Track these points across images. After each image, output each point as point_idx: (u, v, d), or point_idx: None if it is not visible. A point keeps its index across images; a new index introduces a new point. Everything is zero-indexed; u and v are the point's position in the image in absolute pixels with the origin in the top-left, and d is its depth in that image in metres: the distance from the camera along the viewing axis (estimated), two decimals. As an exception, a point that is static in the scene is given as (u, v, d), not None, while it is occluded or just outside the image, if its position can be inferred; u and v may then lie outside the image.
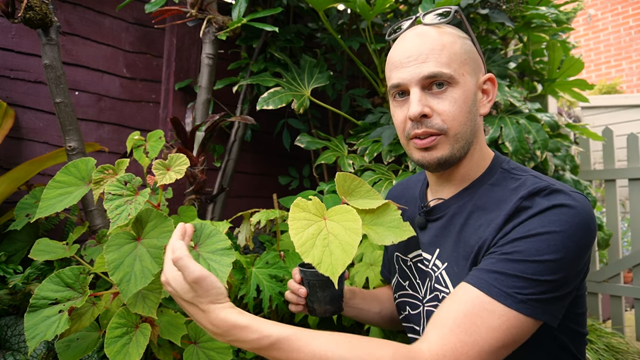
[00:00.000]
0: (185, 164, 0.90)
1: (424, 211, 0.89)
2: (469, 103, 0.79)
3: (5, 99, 1.52)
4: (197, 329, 0.93)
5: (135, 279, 0.78)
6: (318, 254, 0.74)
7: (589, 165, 2.80)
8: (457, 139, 0.79)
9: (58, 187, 0.92)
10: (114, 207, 0.80)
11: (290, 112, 2.01)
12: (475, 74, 0.81)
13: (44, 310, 0.80)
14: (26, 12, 1.15)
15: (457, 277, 0.78)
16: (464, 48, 0.80)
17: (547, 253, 0.67)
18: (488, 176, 0.83)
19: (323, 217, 0.80)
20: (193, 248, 0.85)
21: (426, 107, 0.78)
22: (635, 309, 2.54)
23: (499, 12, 1.76)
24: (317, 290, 0.89)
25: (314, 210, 0.80)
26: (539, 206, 0.71)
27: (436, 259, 0.84)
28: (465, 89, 0.78)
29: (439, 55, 0.77)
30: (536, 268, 0.67)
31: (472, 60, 0.81)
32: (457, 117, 0.78)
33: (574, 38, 6.69)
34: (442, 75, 0.76)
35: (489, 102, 0.84)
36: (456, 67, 0.78)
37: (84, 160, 0.95)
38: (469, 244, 0.77)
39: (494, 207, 0.77)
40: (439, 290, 0.82)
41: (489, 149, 0.87)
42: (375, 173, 1.57)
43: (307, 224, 0.77)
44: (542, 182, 0.75)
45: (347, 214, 0.78)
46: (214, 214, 1.70)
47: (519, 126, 1.64)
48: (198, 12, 1.62)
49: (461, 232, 0.80)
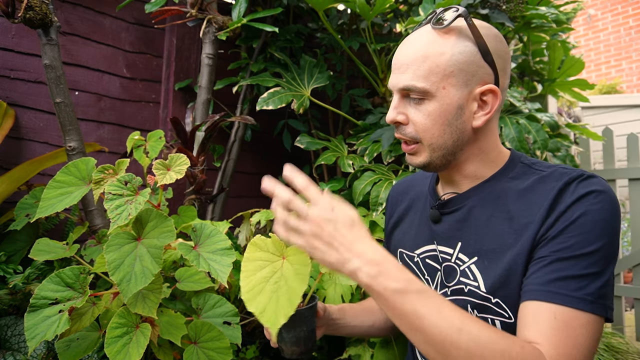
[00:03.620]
0: (185, 164, 0.90)
1: (437, 204, 0.88)
2: (447, 117, 0.77)
3: (5, 99, 1.52)
4: (197, 328, 0.93)
5: (135, 279, 0.78)
6: (263, 301, 0.68)
7: (589, 165, 2.81)
8: (433, 149, 0.80)
9: (58, 187, 0.92)
10: (114, 207, 0.80)
11: (291, 113, 2.01)
12: (467, 85, 0.77)
13: (44, 310, 0.80)
14: (26, 12, 1.15)
15: (487, 270, 0.77)
16: (455, 59, 0.75)
17: (594, 242, 0.69)
18: (508, 170, 0.82)
19: (282, 256, 0.73)
20: (193, 248, 0.85)
21: (400, 115, 0.80)
22: (635, 309, 2.55)
23: (499, 12, 1.76)
24: (282, 331, 0.81)
25: (273, 249, 0.73)
26: (576, 194, 0.72)
27: (459, 252, 0.83)
28: (444, 102, 0.76)
29: (419, 67, 0.76)
30: (589, 260, 0.68)
31: (464, 71, 0.76)
32: (430, 129, 0.78)
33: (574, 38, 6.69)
34: (415, 89, 0.76)
35: (485, 114, 0.78)
36: (435, 80, 0.75)
37: (84, 160, 0.95)
38: (501, 237, 0.77)
39: (525, 200, 0.77)
40: (465, 284, 0.80)
41: (503, 148, 0.86)
42: (375, 173, 1.57)
43: (261, 265, 0.71)
44: (574, 171, 0.75)
45: (301, 255, 0.71)
46: (214, 214, 1.70)
47: (519, 126, 1.64)
48: (198, 12, 1.62)
49: (488, 226, 0.79)
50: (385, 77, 1.89)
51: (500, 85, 0.79)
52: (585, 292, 0.67)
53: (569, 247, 0.69)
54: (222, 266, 0.79)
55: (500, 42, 0.79)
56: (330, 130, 2.09)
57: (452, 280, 0.83)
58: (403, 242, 0.96)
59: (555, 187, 0.74)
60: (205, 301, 1.03)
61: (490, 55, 0.76)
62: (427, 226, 0.90)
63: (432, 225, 0.89)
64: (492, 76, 0.78)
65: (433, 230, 0.88)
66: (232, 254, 0.82)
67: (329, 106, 1.75)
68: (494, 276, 0.76)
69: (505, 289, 0.74)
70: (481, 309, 0.77)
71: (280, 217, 0.69)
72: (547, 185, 0.76)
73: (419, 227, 0.92)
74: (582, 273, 0.68)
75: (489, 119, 0.79)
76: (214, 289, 1.08)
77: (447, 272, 0.84)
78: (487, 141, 0.83)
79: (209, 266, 0.80)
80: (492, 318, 0.76)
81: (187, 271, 1.07)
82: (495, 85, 0.78)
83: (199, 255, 0.82)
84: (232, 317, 1.02)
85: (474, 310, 0.78)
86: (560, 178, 0.75)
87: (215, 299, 1.03)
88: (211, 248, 0.82)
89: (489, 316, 0.77)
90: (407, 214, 0.99)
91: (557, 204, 0.72)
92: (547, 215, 0.72)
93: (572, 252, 0.69)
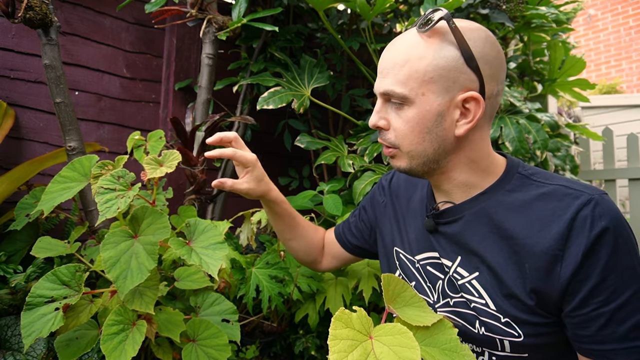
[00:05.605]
0: (177, 159, 0.90)
1: (433, 214, 0.85)
2: (426, 124, 0.74)
3: (5, 99, 1.52)
4: (195, 326, 0.93)
5: (131, 276, 0.78)
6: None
7: (589, 165, 2.80)
8: (412, 156, 0.78)
9: (62, 181, 0.96)
10: (104, 201, 0.81)
11: (291, 113, 2.02)
12: (448, 92, 0.73)
13: (40, 308, 0.80)
14: (26, 12, 1.15)
15: (490, 286, 0.76)
16: (436, 63, 0.72)
17: (631, 285, 0.66)
18: (504, 182, 0.78)
19: (369, 335, 0.66)
20: (186, 243, 0.86)
21: (382, 120, 0.79)
22: (636, 309, 2.53)
23: (499, 12, 1.76)
24: None
25: (359, 327, 0.66)
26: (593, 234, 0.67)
27: (458, 266, 0.81)
28: (423, 108, 0.74)
29: (398, 71, 0.74)
30: (635, 304, 0.66)
31: (445, 77, 0.72)
32: (408, 136, 0.76)
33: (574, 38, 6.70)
34: (394, 95, 0.75)
35: (467, 123, 0.74)
36: (414, 85, 0.73)
37: (89, 157, 0.99)
38: (500, 255, 0.75)
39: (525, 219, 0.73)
40: (469, 300, 0.79)
41: (498, 156, 0.83)
42: (375, 173, 1.57)
43: (352, 345, 0.63)
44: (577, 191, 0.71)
45: (400, 336, 0.65)
46: (214, 214, 1.70)
47: (519, 126, 1.64)
48: (198, 12, 1.63)
49: (485, 242, 0.77)
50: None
51: (487, 93, 0.74)
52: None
53: (614, 292, 0.66)
54: (213, 259, 0.80)
55: (489, 47, 0.74)
56: (330, 130, 2.10)
57: (455, 292, 0.82)
58: (401, 240, 0.95)
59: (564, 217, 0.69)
60: (204, 299, 1.03)
61: (475, 61, 0.72)
62: (426, 232, 0.88)
63: (428, 234, 0.87)
64: (476, 83, 0.73)
65: (431, 238, 0.86)
66: (224, 247, 0.83)
67: (329, 106, 1.75)
68: (504, 296, 0.74)
69: (515, 310, 0.72)
70: (489, 328, 0.76)
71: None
72: (548, 204, 0.72)
73: (419, 232, 0.90)
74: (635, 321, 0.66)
75: (472, 127, 0.75)
76: (213, 287, 1.08)
77: (449, 282, 0.83)
78: (475, 150, 0.79)
79: (200, 260, 0.81)
80: (501, 339, 0.75)
81: (185, 270, 1.07)
82: (480, 92, 0.73)
83: (191, 249, 0.82)
84: (231, 314, 1.02)
85: (481, 328, 0.77)
86: (564, 199, 0.71)
87: (214, 297, 1.03)
88: (204, 243, 0.83)
89: (497, 336, 0.75)
90: (404, 211, 0.97)
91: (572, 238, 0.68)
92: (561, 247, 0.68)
93: (621, 297, 0.66)
